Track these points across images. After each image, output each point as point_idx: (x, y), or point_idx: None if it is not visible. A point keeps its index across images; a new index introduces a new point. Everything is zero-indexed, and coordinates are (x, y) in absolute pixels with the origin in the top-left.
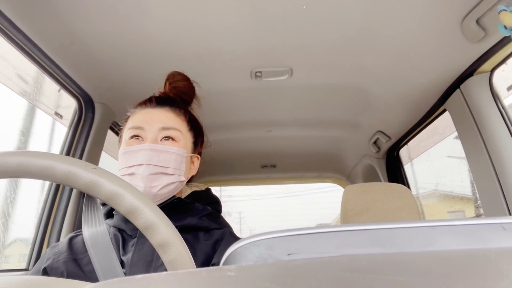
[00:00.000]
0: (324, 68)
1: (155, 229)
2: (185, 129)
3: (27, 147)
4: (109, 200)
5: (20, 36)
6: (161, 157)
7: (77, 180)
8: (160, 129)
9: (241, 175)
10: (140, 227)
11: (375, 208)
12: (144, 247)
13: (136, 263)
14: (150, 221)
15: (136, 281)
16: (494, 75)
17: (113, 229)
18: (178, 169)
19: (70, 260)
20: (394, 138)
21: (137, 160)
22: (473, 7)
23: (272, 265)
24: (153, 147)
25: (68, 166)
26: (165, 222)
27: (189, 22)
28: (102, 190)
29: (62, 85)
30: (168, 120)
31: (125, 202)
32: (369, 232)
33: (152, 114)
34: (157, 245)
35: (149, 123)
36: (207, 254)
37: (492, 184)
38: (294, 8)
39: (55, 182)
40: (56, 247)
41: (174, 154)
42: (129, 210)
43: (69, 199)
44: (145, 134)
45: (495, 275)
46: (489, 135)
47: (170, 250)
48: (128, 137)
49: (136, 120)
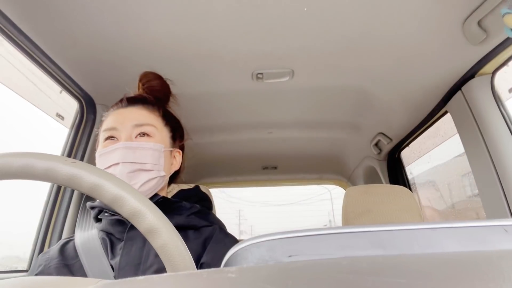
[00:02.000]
0: (326, 69)
1: (141, 216)
2: (160, 125)
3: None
4: (91, 192)
5: (22, 37)
6: (137, 154)
7: (81, 183)
8: (134, 126)
9: (242, 176)
10: (125, 215)
11: (376, 209)
12: (132, 250)
13: (124, 267)
14: (135, 208)
15: (137, 282)
16: (495, 77)
17: (101, 233)
18: (156, 164)
19: (61, 266)
20: (396, 140)
21: (113, 160)
22: (475, 9)
23: (273, 267)
24: (127, 145)
25: (47, 162)
26: (151, 208)
27: (191, 24)
28: (83, 182)
29: (64, 86)
30: (141, 117)
31: (107, 192)
32: (370, 234)
33: (125, 114)
34: (145, 231)
35: (122, 123)
36: (197, 252)
37: (494, 186)
38: (295, 10)
39: (35, 179)
40: (47, 253)
41: (151, 149)
42: (113, 200)
43: (70, 201)
44: (119, 134)
45: (497, 277)
46: (491, 137)
47: (159, 235)
48: (103, 140)
49: (109, 122)
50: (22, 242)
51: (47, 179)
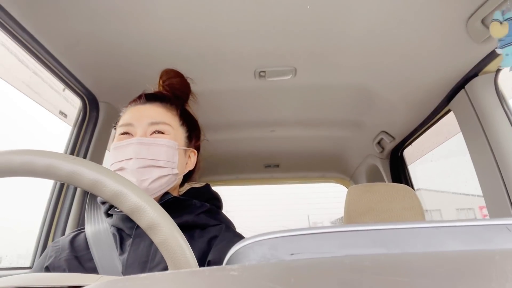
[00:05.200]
0: (328, 68)
1: (141, 212)
2: (176, 124)
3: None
4: (92, 189)
5: (26, 35)
6: (150, 150)
7: (81, 180)
8: (149, 124)
9: (244, 174)
10: (126, 211)
11: (379, 208)
12: (140, 248)
13: (131, 264)
14: (135, 204)
15: (140, 280)
16: (499, 75)
17: (112, 228)
18: (170, 162)
19: (72, 258)
20: (398, 138)
21: (126, 155)
22: (478, 7)
23: (275, 265)
24: (142, 141)
25: (47, 159)
26: (151, 204)
27: (193, 22)
28: (83, 179)
29: (67, 84)
30: (157, 115)
31: (108, 188)
32: (373, 233)
33: (142, 110)
34: (146, 227)
35: (138, 119)
36: (202, 250)
37: (497, 185)
38: (298, 8)
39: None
40: (58, 244)
41: (165, 146)
42: (113, 196)
43: (73, 198)
44: (134, 130)
45: (500, 276)
46: (494, 135)
47: (159, 231)
48: (118, 134)
49: (126, 118)
50: (25, 240)
51: (47, 176)
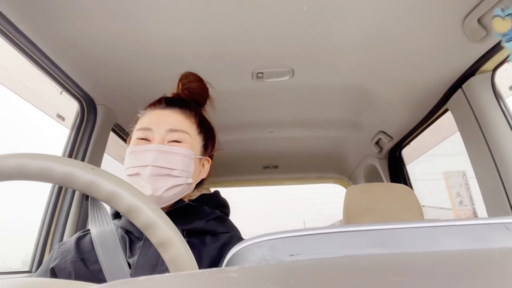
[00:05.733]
0: (326, 68)
1: (155, 228)
2: (194, 132)
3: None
4: (108, 201)
5: (23, 39)
6: (167, 159)
7: (76, 181)
8: (168, 130)
9: (243, 176)
10: (140, 226)
11: (378, 208)
12: (150, 251)
13: (141, 266)
14: (150, 219)
15: (140, 282)
16: (496, 74)
17: (120, 230)
18: (185, 171)
19: (77, 260)
20: (396, 138)
21: (143, 161)
22: (475, 6)
23: (275, 266)
24: (160, 148)
25: (41, 161)
26: (165, 221)
27: (190, 24)
28: (101, 190)
29: (64, 87)
30: (176, 122)
31: (124, 201)
32: (372, 233)
33: (161, 116)
34: (158, 243)
35: (157, 125)
36: (213, 257)
37: (495, 184)
38: (295, 9)
39: (55, 183)
40: (64, 246)
41: (181, 155)
42: (128, 210)
43: (71, 201)
44: (152, 135)
45: (499, 275)
46: (492, 134)
47: (171, 249)
48: (136, 138)
49: (144, 122)
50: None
51: (42, 179)
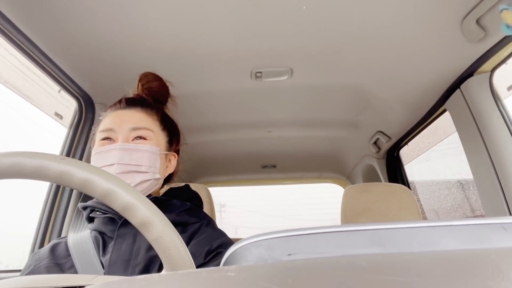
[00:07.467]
0: (324, 68)
1: (133, 209)
2: (157, 129)
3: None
4: (82, 188)
5: (21, 37)
6: (133, 156)
7: (47, 173)
8: (131, 129)
9: (241, 175)
10: (118, 209)
11: (375, 208)
12: (122, 247)
13: (114, 262)
14: (127, 201)
15: (137, 281)
16: (494, 75)
17: (94, 232)
18: (152, 167)
19: (52, 265)
20: (394, 138)
21: (108, 160)
22: (473, 7)
23: (272, 266)
24: (124, 146)
25: (36, 160)
26: (143, 201)
27: (189, 23)
28: (73, 178)
29: (62, 86)
30: (138, 121)
31: (99, 187)
32: (369, 232)
33: (123, 116)
34: (139, 224)
35: (119, 125)
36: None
37: (493, 184)
38: (294, 8)
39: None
40: (38, 254)
41: (147, 152)
42: (105, 194)
43: (69, 200)
44: (115, 135)
45: (496, 275)
46: (490, 135)
47: (153, 228)
48: (99, 139)
49: (106, 123)
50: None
51: (37, 177)
